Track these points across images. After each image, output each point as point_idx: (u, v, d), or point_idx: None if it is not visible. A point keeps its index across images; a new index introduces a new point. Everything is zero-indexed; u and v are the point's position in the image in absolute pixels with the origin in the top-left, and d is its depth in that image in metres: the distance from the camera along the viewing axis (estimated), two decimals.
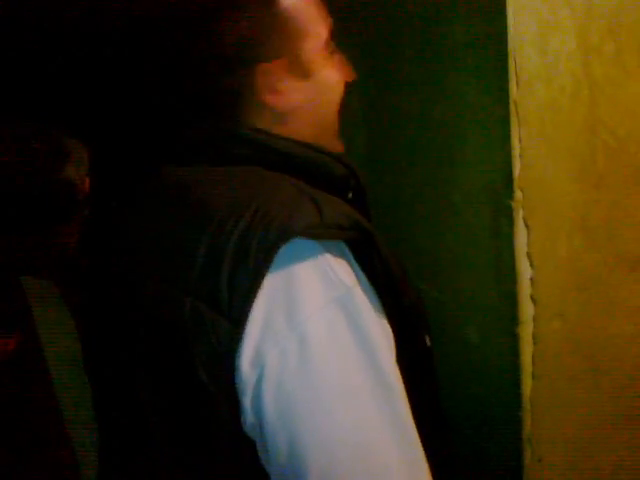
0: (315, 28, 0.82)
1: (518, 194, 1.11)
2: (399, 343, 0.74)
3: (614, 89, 1.15)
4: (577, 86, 1.11)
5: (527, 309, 1.16)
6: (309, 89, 0.84)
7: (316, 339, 0.68)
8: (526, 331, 1.17)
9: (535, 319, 1.17)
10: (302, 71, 0.83)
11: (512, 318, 1.16)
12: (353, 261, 0.74)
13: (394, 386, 0.70)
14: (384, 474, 0.66)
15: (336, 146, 0.88)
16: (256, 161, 0.79)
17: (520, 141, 1.08)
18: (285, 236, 0.69)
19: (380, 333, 0.71)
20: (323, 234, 0.71)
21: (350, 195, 0.86)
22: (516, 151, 1.09)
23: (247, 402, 0.69)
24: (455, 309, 1.24)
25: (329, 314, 0.69)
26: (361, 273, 0.74)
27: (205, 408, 0.71)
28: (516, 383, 1.18)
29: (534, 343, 1.18)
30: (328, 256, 0.72)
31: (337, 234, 0.73)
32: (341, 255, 0.73)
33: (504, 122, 1.08)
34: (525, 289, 1.15)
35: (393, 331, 0.74)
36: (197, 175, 0.79)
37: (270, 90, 0.81)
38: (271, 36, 0.80)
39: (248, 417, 0.69)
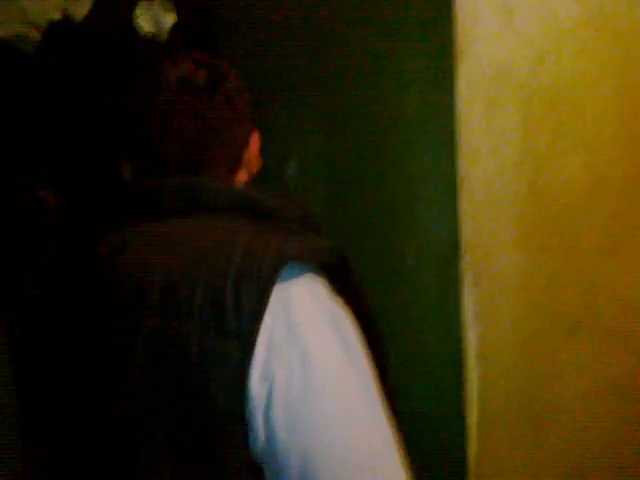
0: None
1: (466, 259, 1.15)
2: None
3: (555, 160, 1.22)
4: (521, 157, 1.18)
5: (473, 369, 1.20)
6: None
7: (314, 353, 0.74)
8: (472, 391, 1.20)
9: (481, 379, 1.21)
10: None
11: (459, 378, 1.19)
12: (328, 285, 0.82)
13: (379, 396, 0.76)
14: (387, 476, 0.73)
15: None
16: (226, 209, 0.85)
17: (469, 208, 1.14)
18: (282, 260, 0.76)
19: (363, 349, 0.78)
20: (312, 258, 0.80)
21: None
22: (464, 218, 1.14)
23: (258, 418, 0.73)
24: (402, 368, 1.26)
25: (325, 331, 0.76)
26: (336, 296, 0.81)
27: (217, 433, 0.74)
28: (462, 444, 1.20)
29: (480, 403, 1.21)
30: (317, 278, 0.80)
31: (323, 257, 0.81)
32: (322, 278, 0.81)
33: (452, 191, 1.14)
34: (472, 349, 1.19)
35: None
36: (180, 224, 0.84)
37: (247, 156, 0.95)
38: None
39: (259, 436, 0.73)
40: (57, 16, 1.01)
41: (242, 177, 0.94)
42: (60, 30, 1.05)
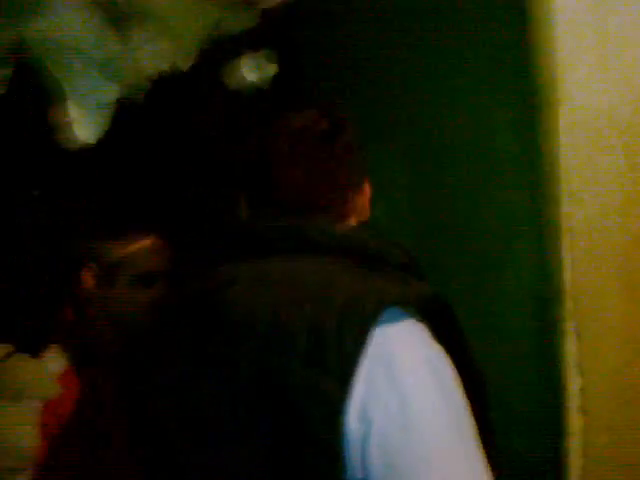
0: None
1: (568, 304, 1.12)
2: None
3: None
4: (627, 201, 1.15)
5: (575, 421, 1.15)
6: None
7: (413, 397, 0.75)
8: (574, 443, 1.15)
9: (584, 431, 1.16)
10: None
11: (560, 430, 1.15)
12: (428, 331, 0.83)
13: (476, 440, 0.77)
14: None
15: None
16: (332, 250, 0.88)
17: (571, 253, 1.11)
18: (382, 305, 0.78)
19: (460, 393, 0.79)
20: (413, 303, 0.81)
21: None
22: (567, 262, 1.11)
23: (356, 456, 0.75)
24: (500, 421, 1.23)
25: (422, 375, 0.77)
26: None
27: (312, 469, 0.76)
28: None
29: (582, 456, 1.16)
30: (415, 323, 0.81)
31: (424, 303, 0.82)
32: (421, 323, 0.82)
33: (555, 232, 1.11)
34: (574, 400, 1.15)
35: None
36: (287, 262, 0.87)
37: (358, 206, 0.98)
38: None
39: (357, 472, 0.75)
40: (166, 67, 1.06)
41: (352, 223, 0.97)
42: (168, 80, 1.10)
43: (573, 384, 1.15)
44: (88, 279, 1.37)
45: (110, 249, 1.38)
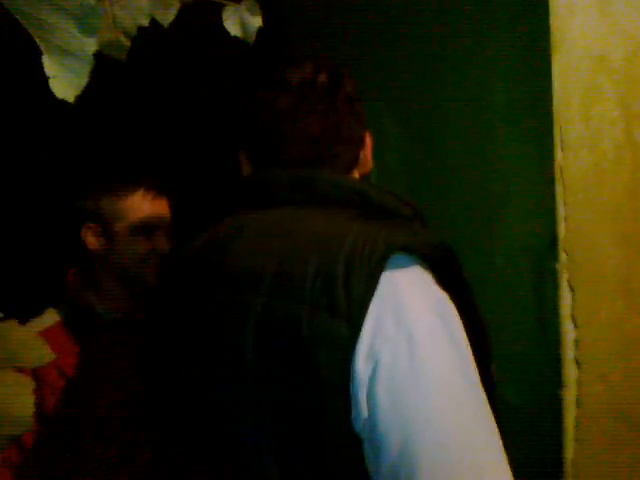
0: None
1: (563, 257, 1.11)
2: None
3: None
4: (620, 151, 1.13)
5: (570, 372, 1.16)
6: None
7: (421, 339, 0.77)
8: (569, 394, 1.16)
9: (578, 382, 1.16)
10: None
11: (555, 381, 1.16)
12: (434, 277, 0.84)
13: (480, 387, 0.78)
14: (484, 467, 0.74)
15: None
16: (339, 201, 0.89)
17: (565, 204, 1.09)
18: (390, 250, 0.80)
19: (466, 340, 0.80)
20: (420, 249, 0.83)
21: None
22: (561, 214, 1.10)
23: (362, 395, 0.76)
24: (497, 371, 1.23)
25: (429, 318, 0.78)
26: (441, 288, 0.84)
27: (320, 408, 0.77)
28: (558, 447, 1.17)
29: (577, 406, 1.17)
30: (422, 269, 0.83)
31: (431, 250, 0.84)
32: (428, 270, 0.84)
33: (549, 186, 1.10)
34: (569, 352, 1.15)
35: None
36: (294, 212, 0.88)
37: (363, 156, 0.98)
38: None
39: (362, 411, 0.76)
40: (145, 22, 1.02)
41: (356, 176, 0.97)
42: (149, 35, 1.06)
43: (568, 336, 1.15)
44: (90, 238, 1.38)
45: (104, 204, 1.38)
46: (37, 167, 2.00)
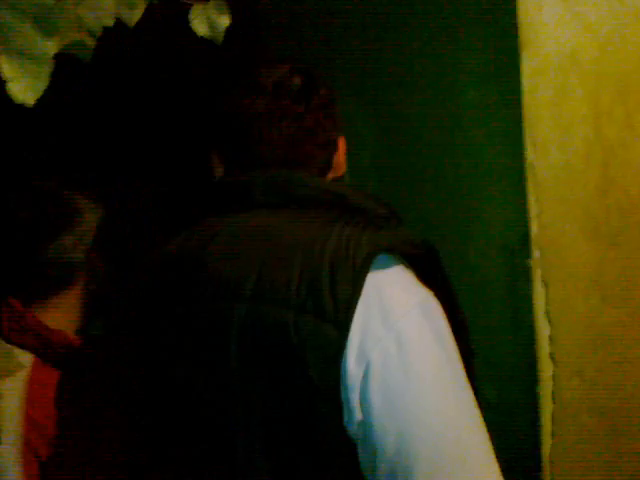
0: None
1: (536, 253, 1.12)
2: None
3: (625, 150, 1.18)
4: (590, 149, 1.14)
5: (546, 368, 1.16)
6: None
7: (409, 338, 0.77)
8: (545, 390, 1.16)
9: (554, 378, 1.17)
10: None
11: (531, 377, 1.16)
12: (417, 276, 0.85)
13: (466, 382, 0.79)
14: (477, 463, 0.75)
15: None
16: (316, 203, 0.88)
17: (536, 202, 1.10)
18: (375, 250, 0.80)
19: (452, 336, 0.81)
20: (403, 249, 0.83)
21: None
22: (533, 212, 1.10)
23: (355, 399, 0.76)
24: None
25: (415, 317, 0.79)
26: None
27: (311, 414, 0.77)
28: (535, 442, 1.17)
29: (553, 402, 1.17)
30: (405, 268, 0.83)
31: (413, 249, 0.84)
32: (411, 268, 0.84)
33: (520, 183, 1.10)
34: (544, 348, 1.15)
35: None
36: (271, 215, 0.87)
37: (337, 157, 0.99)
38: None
39: (355, 415, 0.76)
40: (110, 23, 1.00)
41: (329, 179, 0.97)
42: (115, 36, 1.04)
43: (542, 332, 1.15)
44: None
45: None
46: None
